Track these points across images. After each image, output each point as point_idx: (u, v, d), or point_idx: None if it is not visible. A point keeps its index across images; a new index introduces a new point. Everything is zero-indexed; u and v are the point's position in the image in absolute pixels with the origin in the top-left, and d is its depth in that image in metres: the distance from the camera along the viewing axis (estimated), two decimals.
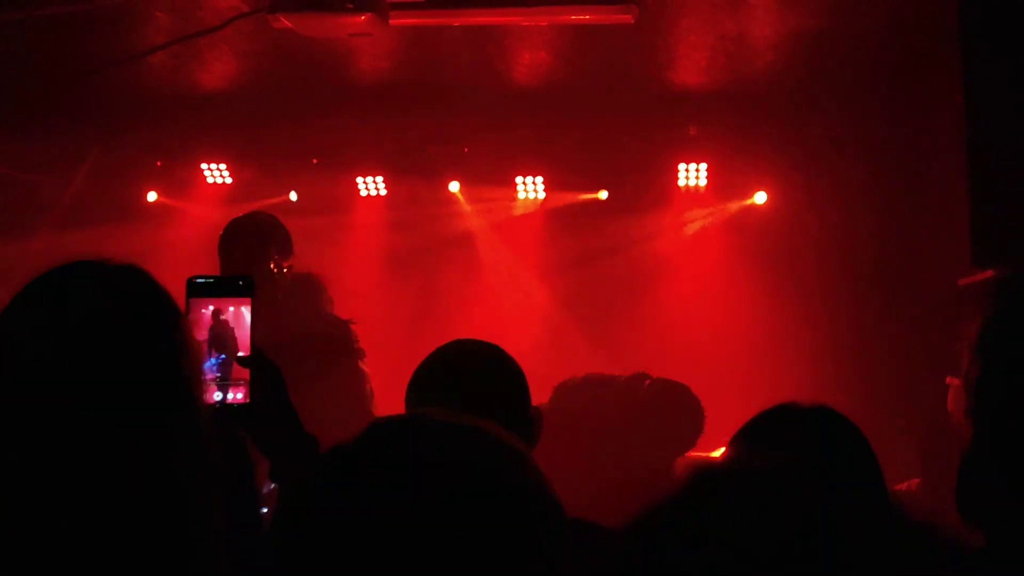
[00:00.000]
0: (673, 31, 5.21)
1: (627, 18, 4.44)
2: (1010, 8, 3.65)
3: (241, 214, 4.16)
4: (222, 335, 1.82)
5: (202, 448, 1.31)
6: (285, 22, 4.29)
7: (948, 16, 4.04)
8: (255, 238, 3.94)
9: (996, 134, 3.64)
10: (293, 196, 6.78)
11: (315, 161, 6.74)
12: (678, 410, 4.48)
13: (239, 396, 1.81)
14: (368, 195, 6.82)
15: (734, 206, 6.56)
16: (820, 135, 6.21)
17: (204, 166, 6.74)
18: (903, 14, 4.90)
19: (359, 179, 6.77)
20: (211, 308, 1.82)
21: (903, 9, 4.86)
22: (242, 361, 1.80)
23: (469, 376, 2.15)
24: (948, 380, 1.38)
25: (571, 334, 6.40)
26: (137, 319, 1.35)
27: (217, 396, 1.80)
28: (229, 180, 6.77)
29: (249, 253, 3.85)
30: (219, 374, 1.81)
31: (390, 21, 4.31)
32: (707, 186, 6.55)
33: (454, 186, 6.74)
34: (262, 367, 1.81)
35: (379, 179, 6.77)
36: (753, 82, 5.96)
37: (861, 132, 6.11)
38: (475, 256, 6.81)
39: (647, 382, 4.59)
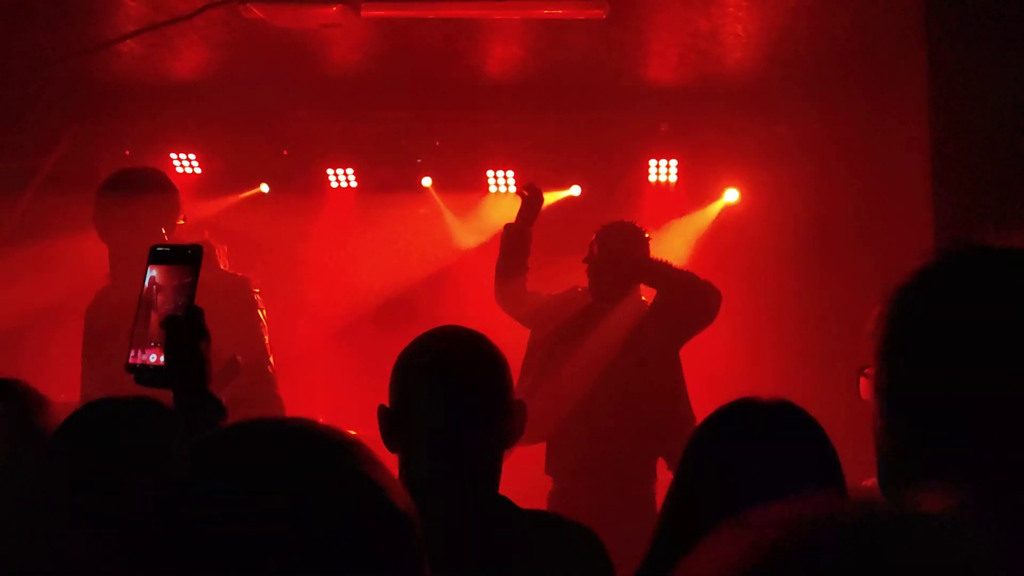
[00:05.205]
0: (645, 27, 5.23)
1: (599, 13, 4.46)
2: (975, 8, 3.69)
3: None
4: (153, 299, 1.86)
5: None
6: (256, 12, 4.28)
7: (915, 15, 4.09)
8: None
9: (959, 132, 3.68)
10: (265, 188, 6.76)
11: (285, 152, 6.72)
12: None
13: (161, 359, 1.86)
14: (339, 187, 6.81)
15: (709, 210, 6.59)
16: (790, 133, 6.25)
17: (174, 156, 6.70)
18: (871, 14, 4.94)
19: (330, 171, 6.75)
20: (154, 273, 1.87)
21: (871, 9, 4.90)
22: (162, 324, 1.83)
23: (454, 365, 2.14)
24: (867, 371, 1.38)
25: None
26: None
27: (151, 358, 1.85)
28: (199, 170, 6.74)
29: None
30: (151, 337, 1.86)
31: (362, 13, 4.31)
32: (677, 182, 6.58)
33: (427, 181, 6.73)
34: (174, 329, 1.84)
35: (350, 171, 6.76)
36: (724, 79, 5.99)
37: (830, 130, 6.15)
38: (446, 248, 6.81)
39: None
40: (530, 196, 4.87)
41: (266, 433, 0.97)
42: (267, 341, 4.28)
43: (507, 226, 4.87)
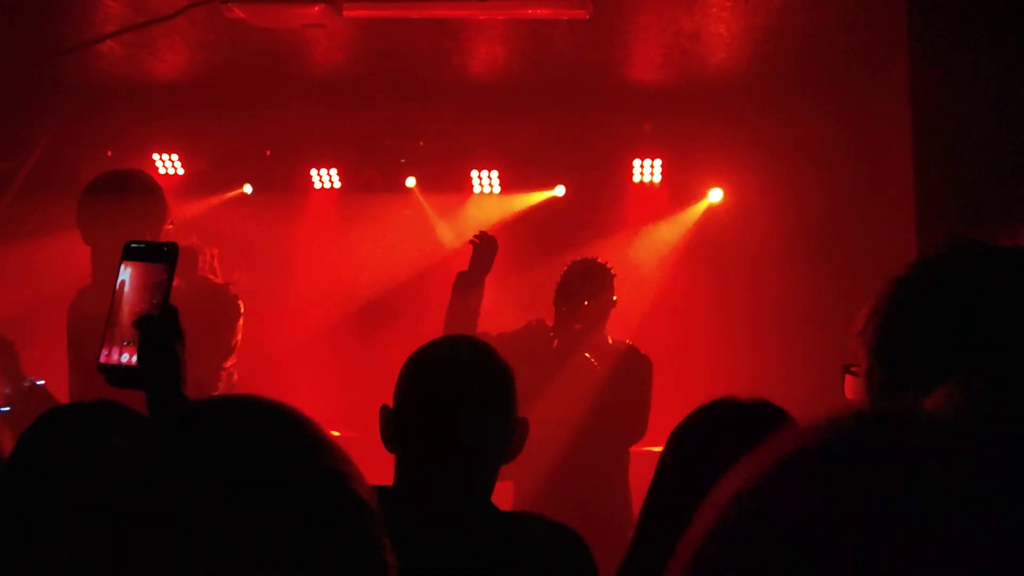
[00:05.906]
0: (629, 27, 5.23)
1: (582, 14, 4.44)
2: (958, 8, 3.70)
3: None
4: (127, 297, 1.81)
5: None
6: (238, 12, 4.26)
7: (898, 16, 4.09)
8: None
9: (941, 132, 3.69)
10: (248, 188, 6.74)
11: (268, 153, 6.70)
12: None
13: (133, 359, 1.81)
14: (322, 187, 6.79)
15: (693, 210, 6.60)
16: (774, 133, 6.26)
17: (156, 156, 6.67)
18: (854, 14, 4.95)
19: (313, 171, 6.73)
20: (128, 271, 1.82)
21: (854, 10, 4.91)
22: (135, 323, 1.79)
23: (463, 373, 2.14)
24: (854, 369, 1.34)
25: None
26: None
27: (124, 357, 1.80)
28: (182, 171, 6.71)
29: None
30: (123, 336, 1.80)
31: (344, 12, 4.29)
32: (662, 182, 6.59)
33: (411, 182, 6.72)
34: (148, 329, 1.79)
35: (333, 171, 6.74)
36: (708, 79, 6.00)
37: (814, 130, 6.16)
38: (429, 249, 6.79)
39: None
40: (481, 244, 4.48)
41: (231, 413, 0.95)
42: (236, 345, 4.20)
43: (459, 275, 4.45)
